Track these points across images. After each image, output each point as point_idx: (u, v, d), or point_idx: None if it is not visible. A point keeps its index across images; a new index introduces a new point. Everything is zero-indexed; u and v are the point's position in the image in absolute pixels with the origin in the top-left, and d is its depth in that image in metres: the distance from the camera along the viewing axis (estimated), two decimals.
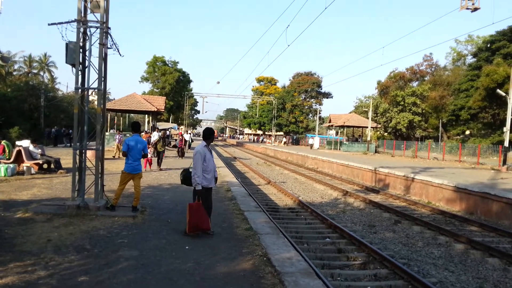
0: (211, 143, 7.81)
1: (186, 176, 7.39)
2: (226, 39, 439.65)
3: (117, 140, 24.71)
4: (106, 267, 5.30)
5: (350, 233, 9.86)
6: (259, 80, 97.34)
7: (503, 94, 26.45)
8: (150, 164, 17.66)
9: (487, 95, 38.64)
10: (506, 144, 25.29)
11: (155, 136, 23.06)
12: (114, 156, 23.42)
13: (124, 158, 8.52)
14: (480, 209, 13.55)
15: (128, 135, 25.62)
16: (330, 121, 53.22)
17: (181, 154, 26.60)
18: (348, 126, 53.23)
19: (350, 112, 64.04)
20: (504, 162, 24.53)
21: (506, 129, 25.29)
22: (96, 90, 8.56)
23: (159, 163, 18.53)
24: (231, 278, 5.12)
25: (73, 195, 8.58)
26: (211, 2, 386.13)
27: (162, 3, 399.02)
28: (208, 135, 7.39)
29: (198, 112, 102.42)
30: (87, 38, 8.49)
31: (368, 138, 47.31)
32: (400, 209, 13.78)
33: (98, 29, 8.41)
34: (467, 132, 50.50)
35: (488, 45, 46.76)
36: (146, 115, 39.30)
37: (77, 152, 8.53)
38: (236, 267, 5.50)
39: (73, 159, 8.46)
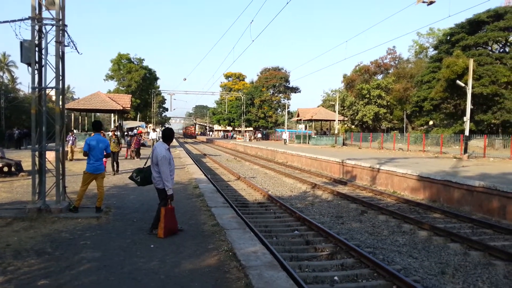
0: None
1: (146, 177, 7.16)
2: (191, 35, 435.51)
3: (70, 142, 22.16)
4: (67, 270, 5.17)
5: (318, 225, 9.99)
6: (227, 76, 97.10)
7: (463, 85, 27.33)
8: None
9: (448, 86, 39.79)
10: (467, 133, 26.18)
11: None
12: (69, 159, 21.12)
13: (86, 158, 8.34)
14: (442, 196, 13.99)
15: (91, 134, 23.63)
16: (298, 115, 53.70)
17: (136, 154, 24.48)
18: (316, 120, 53.87)
19: (318, 106, 64.76)
20: (465, 151, 25.40)
21: (466, 118, 26.18)
22: (54, 89, 8.31)
23: (113, 167, 16.44)
24: (197, 274, 5.10)
25: (34, 198, 8.33)
26: None
27: (124, 1, 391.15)
28: (169, 136, 7.20)
29: (167, 109, 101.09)
30: (42, 36, 8.23)
31: (336, 131, 48.00)
32: (367, 200, 14.07)
33: (54, 27, 8.16)
34: (431, 122, 51.97)
35: (448, 38, 48.10)
36: (112, 114, 38.56)
37: (36, 153, 8.28)
38: (201, 264, 5.49)
39: (32, 161, 8.20)
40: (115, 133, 18.44)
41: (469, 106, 26.37)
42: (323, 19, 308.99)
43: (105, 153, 8.51)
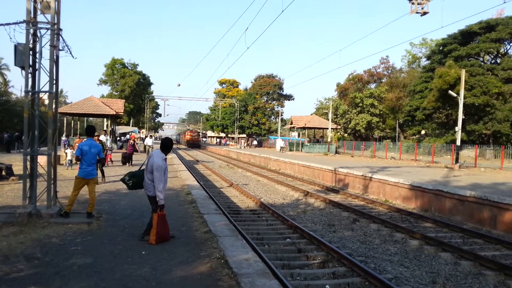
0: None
1: (138, 182, 7.10)
2: (186, 41, 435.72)
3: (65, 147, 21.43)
4: (57, 276, 5.12)
5: (310, 233, 10.00)
6: (221, 83, 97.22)
7: (455, 95, 27.60)
8: None
9: (440, 96, 40.11)
10: (458, 143, 26.41)
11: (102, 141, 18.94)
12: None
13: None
14: (434, 206, 14.06)
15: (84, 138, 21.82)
16: (291, 123, 53.83)
17: (128, 161, 22.62)
18: (309, 128, 54.02)
19: (311, 114, 64.98)
20: (457, 160, 25.58)
21: (458, 128, 26.42)
22: (47, 93, 8.27)
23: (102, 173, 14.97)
24: (188, 281, 5.07)
25: (24, 202, 8.26)
26: (169, 5, 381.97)
27: (120, 6, 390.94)
28: (169, 146, 7.12)
29: (160, 115, 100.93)
30: (37, 39, 8.20)
31: (329, 139, 48.16)
32: (359, 208, 14.11)
33: (49, 31, 8.14)
34: (423, 132, 52.35)
35: (441, 48, 48.60)
36: (105, 119, 38.41)
37: (28, 157, 8.22)
38: (193, 271, 5.46)
39: (23, 165, 8.14)
40: (99, 138, 17.70)
41: (461, 116, 26.62)
42: (318, 28, 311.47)
43: (98, 158, 8.47)
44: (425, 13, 13.27)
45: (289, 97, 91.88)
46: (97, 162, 8.59)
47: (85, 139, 8.64)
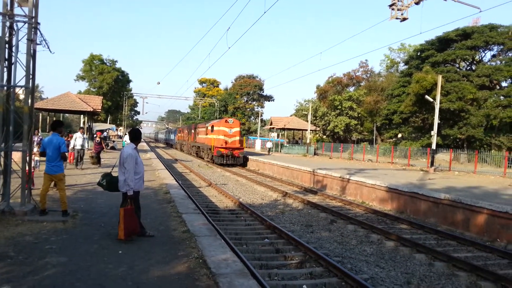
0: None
1: (112, 181, 7.06)
2: (167, 40, 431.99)
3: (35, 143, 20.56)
4: (31, 275, 5.00)
5: (288, 233, 10.04)
6: (201, 82, 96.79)
7: (431, 100, 28.15)
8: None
9: (417, 101, 40.88)
10: (434, 146, 26.94)
11: (78, 139, 18.32)
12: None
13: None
14: (409, 208, 14.32)
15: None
16: (271, 124, 54.04)
17: (97, 161, 20.59)
18: (289, 129, 54.29)
19: (291, 115, 65.34)
20: (432, 164, 26.09)
21: (434, 132, 26.94)
22: (23, 88, 8.08)
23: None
24: (166, 281, 5.03)
25: None
26: (150, 3, 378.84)
27: (101, 3, 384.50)
28: (137, 136, 7.25)
29: (138, 113, 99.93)
30: (13, 33, 8.01)
31: (308, 141, 48.48)
32: (336, 209, 14.24)
33: (26, 24, 7.96)
34: (399, 135, 53.18)
35: (418, 54, 49.64)
36: (82, 116, 37.74)
37: (2, 153, 8.01)
38: (171, 271, 5.41)
39: None
40: (69, 136, 16.91)
41: (436, 120, 27.17)
42: (299, 30, 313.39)
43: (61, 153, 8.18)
44: (404, 19, 13.51)
45: (269, 98, 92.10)
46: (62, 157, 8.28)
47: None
